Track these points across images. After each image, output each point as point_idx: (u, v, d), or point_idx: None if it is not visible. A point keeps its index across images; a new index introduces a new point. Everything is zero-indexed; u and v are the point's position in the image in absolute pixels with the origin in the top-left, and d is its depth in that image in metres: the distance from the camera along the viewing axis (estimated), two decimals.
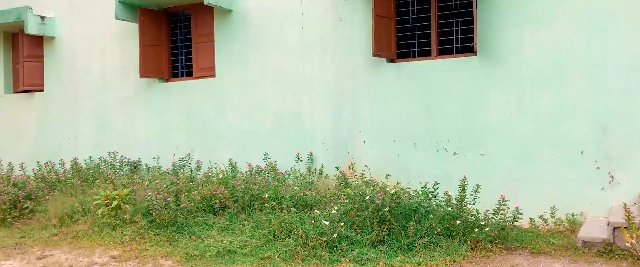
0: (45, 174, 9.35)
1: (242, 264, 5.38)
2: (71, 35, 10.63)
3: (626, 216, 5.24)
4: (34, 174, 9.55)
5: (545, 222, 6.48)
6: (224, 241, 5.96)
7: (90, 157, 10.10)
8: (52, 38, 10.80)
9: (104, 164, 9.58)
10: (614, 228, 5.43)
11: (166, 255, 5.84)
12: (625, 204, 5.41)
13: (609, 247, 5.42)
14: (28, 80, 11.14)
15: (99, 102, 10.29)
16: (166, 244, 6.19)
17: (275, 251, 5.59)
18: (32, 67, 11.16)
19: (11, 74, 11.62)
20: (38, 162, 10.27)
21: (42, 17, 10.60)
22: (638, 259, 5.12)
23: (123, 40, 9.99)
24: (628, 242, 5.11)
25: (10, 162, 10.53)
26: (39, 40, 10.99)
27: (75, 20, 10.57)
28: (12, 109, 11.37)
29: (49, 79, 10.93)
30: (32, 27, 10.44)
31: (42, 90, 11.05)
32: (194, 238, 6.24)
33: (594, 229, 5.85)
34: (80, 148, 10.43)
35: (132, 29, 9.80)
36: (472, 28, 7.20)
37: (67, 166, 10.00)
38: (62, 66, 10.73)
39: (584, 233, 5.74)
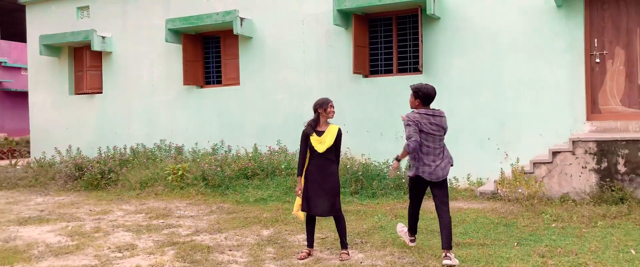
0: (115, 155, 12.72)
1: (271, 205, 8.86)
2: (125, 51, 14.02)
3: (502, 176, 8.81)
4: (105, 155, 12.91)
5: (457, 181, 10.01)
6: (257, 194, 9.44)
7: (142, 143, 13.51)
8: (110, 53, 14.19)
9: (156, 148, 12.99)
10: (496, 183, 8.99)
11: (222, 202, 9.31)
12: (502, 170, 8.99)
13: (494, 195, 8.98)
14: (90, 85, 14.55)
15: (148, 103, 13.69)
16: (219, 197, 9.66)
17: (291, 198, 9.08)
18: (93, 75, 14.57)
19: (74, 80, 14.98)
20: (99, 148, 13.65)
21: (103, 37, 13.99)
22: (508, 200, 8.64)
23: (167, 56, 13.40)
24: (500, 190, 8.69)
25: (78, 148, 13.93)
26: (98, 54, 14.38)
27: (128, 39, 13.96)
28: (76, 107, 14.75)
29: (106, 84, 14.32)
30: (97, 45, 13.83)
31: (101, 93, 14.44)
32: (237, 193, 9.72)
33: (488, 186, 9.43)
34: (132, 137, 13.82)
35: (174, 48, 13.20)
36: (419, 54, 10.72)
37: (127, 151, 13.37)
38: (117, 75, 14.12)
39: (482, 188, 9.32)
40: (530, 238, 6.28)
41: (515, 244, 6.01)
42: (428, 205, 8.49)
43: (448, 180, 9.63)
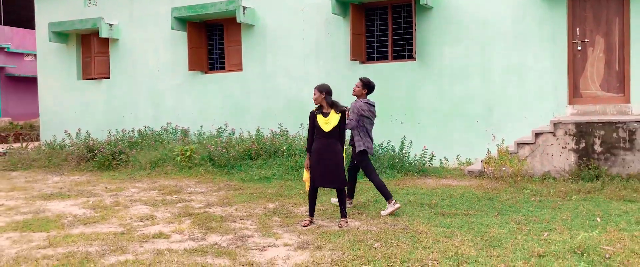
0: (124, 138, 13.37)
1: (275, 182, 9.56)
2: (132, 38, 14.62)
3: (488, 156, 9.53)
4: (114, 138, 13.56)
5: (448, 161, 10.73)
6: (261, 173, 10.13)
7: (150, 127, 14.16)
8: (117, 40, 14.79)
9: (163, 131, 13.65)
10: (483, 162, 9.70)
11: (228, 180, 10.00)
12: (488, 150, 9.71)
13: (481, 173, 9.69)
14: (97, 70, 15.17)
15: (154, 88, 14.33)
16: (225, 176, 10.34)
17: (293, 176, 9.77)
18: (100, 61, 15.18)
19: (82, 65, 15.58)
20: (108, 131, 14.30)
21: (110, 25, 14.58)
22: (493, 178, 9.35)
23: (172, 43, 14.01)
24: (487, 169, 9.40)
25: (87, 131, 14.58)
26: (106, 41, 14.97)
27: (135, 27, 14.55)
28: (84, 91, 15.38)
29: (113, 70, 14.93)
30: (104, 32, 14.42)
31: (108, 78, 15.06)
32: (242, 172, 10.40)
33: (476, 165, 10.14)
34: (139, 121, 14.46)
35: (179, 35, 13.81)
36: (413, 42, 11.36)
37: (135, 133, 14.01)
38: (124, 61, 14.74)
39: (470, 167, 10.04)
40: (510, 209, 6.99)
41: (496, 213, 6.72)
42: (421, 181, 9.21)
43: (439, 160, 10.37)
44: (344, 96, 12.01)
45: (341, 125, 6.53)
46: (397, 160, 10.03)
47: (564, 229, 5.84)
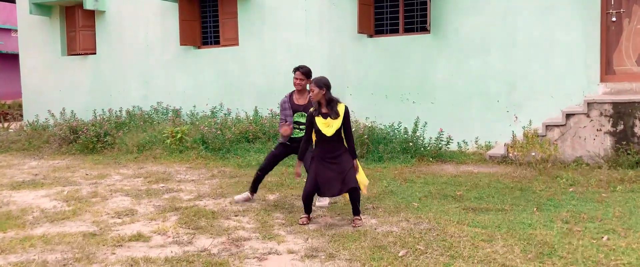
0: (111, 118, 12.32)
1: (275, 169, 8.52)
2: (119, 10, 13.49)
3: (513, 139, 8.52)
4: (100, 118, 12.51)
5: (467, 145, 9.72)
6: (260, 158, 9.10)
7: (139, 106, 13.10)
8: (103, 12, 13.65)
9: (153, 111, 12.60)
10: (507, 146, 8.70)
11: (223, 166, 8.99)
12: (513, 133, 8.69)
13: (504, 158, 8.70)
14: (83, 46, 14.05)
15: (144, 64, 13.24)
16: (220, 161, 9.34)
17: (294, 162, 8.75)
18: (86, 35, 14.05)
19: (66, 40, 14.46)
20: (94, 111, 13.25)
21: None
22: (519, 164, 8.35)
23: (163, 15, 12.89)
24: (512, 154, 8.40)
25: (72, 111, 13.53)
26: (91, 13, 13.84)
27: None
28: (69, 68, 14.28)
29: (100, 45, 13.82)
30: (89, 4, 13.28)
31: (94, 54, 13.95)
32: (238, 157, 9.39)
33: (498, 149, 9.14)
34: (129, 99, 13.41)
35: (169, 6, 12.68)
36: (427, 13, 10.28)
37: (123, 113, 12.96)
38: (111, 35, 13.62)
39: (491, 151, 9.03)
40: (549, 203, 6.00)
41: (535, 209, 5.73)
42: (439, 168, 8.21)
43: (458, 143, 9.41)
44: (351, 74, 10.97)
45: (346, 126, 5.42)
46: (410, 144, 9.01)
47: (625, 231, 4.85)
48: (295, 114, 6.26)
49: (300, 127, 6.17)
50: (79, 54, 14.11)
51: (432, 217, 5.46)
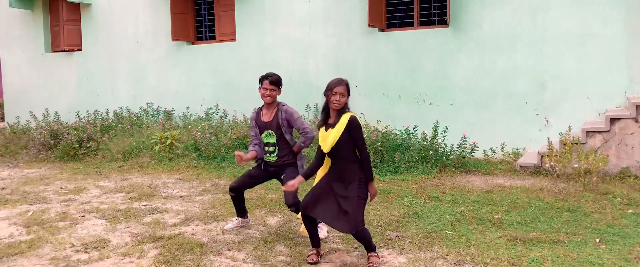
0: (96, 120, 11.24)
1: (276, 182, 7.47)
2: (106, 3, 12.40)
3: (549, 147, 7.44)
4: (85, 120, 11.44)
5: (494, 153, 8.66)
6: None
7: (128, 107, 12.04)
8: (89, 5, 12.56)
9: (142, 113, 11.52)
10: (541, 156, 7.62)
11: (217, 177, 7.93)
12: (549, 139, 7.61)
13: (538, 169, 7.63)
14: (68, 41, 12.96)
15: (134, 61, 12.16)
16: (214, 171, 8.27)
17: None
18: (71, 30, 12.96)
19: (50, 36, 13.37)
20: (77, 112, 12.17)
21: None
22: (557, 176, 7.30)
23: (153, 8, 11.80)
24: (548, 164, 7.32)
25: (56, 112, 12.46)
26: (76, 7, 12.75)
27: None
28: (53, 66, 13.20)
29: (86, 41, 12.73)
30: None
31: (80, 50, 12.87)
32: (235, 166, 8.33)
33: (529, 158, 8.06)
34: (117, 100, 12.33)
35: None
36: (446, 4, 9.19)
37: (110, 115, 11.90)
38: (98, 29, 12.53)
39: (522, 160, 7.96)
40: (610, 231, 4.93)
41: (598, 240, 4.67)
42: (465, 180, 7.12)
43: (483, 151, 8.31)
44: (360, 72, 9.90)
45: (356, 139, 4.23)
46: (430, 151, 7.93)
47: None
48: (263, 133, 5.06)
49: (270, 148, 5.01)
50: (64, 51, 13.03)
51: (475, 253, 4.39)
